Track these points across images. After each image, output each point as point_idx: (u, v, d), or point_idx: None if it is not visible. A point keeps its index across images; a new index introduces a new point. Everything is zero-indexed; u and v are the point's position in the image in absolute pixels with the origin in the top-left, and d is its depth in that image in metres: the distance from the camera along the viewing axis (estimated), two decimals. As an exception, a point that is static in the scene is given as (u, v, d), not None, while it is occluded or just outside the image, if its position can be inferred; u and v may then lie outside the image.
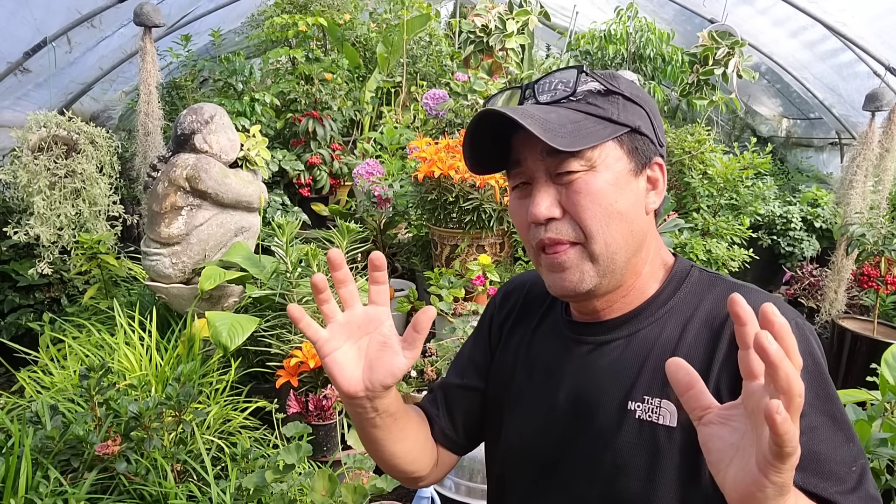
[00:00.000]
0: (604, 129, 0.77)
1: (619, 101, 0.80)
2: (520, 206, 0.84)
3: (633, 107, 0.81)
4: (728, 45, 4.34)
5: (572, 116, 0.77)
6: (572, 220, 0.78)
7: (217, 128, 2.64)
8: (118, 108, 4.55)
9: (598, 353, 0.85)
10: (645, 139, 0.81)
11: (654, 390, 0.78)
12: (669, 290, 0.85)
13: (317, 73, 4.25)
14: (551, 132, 0.73)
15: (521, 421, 0.92)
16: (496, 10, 4.38)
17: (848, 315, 3.83)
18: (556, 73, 0.82)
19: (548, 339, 0.93)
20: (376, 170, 3.51)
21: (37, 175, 2.81)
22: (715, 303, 0.81)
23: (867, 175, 3.70)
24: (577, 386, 0.85)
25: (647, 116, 0.82)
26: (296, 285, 2.39)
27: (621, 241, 0.79)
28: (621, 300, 0.85)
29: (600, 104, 0.79)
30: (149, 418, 1.57)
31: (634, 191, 0.80)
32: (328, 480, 1.46)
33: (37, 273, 2.93)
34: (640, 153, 0.81)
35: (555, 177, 0.79)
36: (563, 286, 0.80)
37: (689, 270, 0.87)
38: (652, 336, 0.82)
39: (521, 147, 0.81)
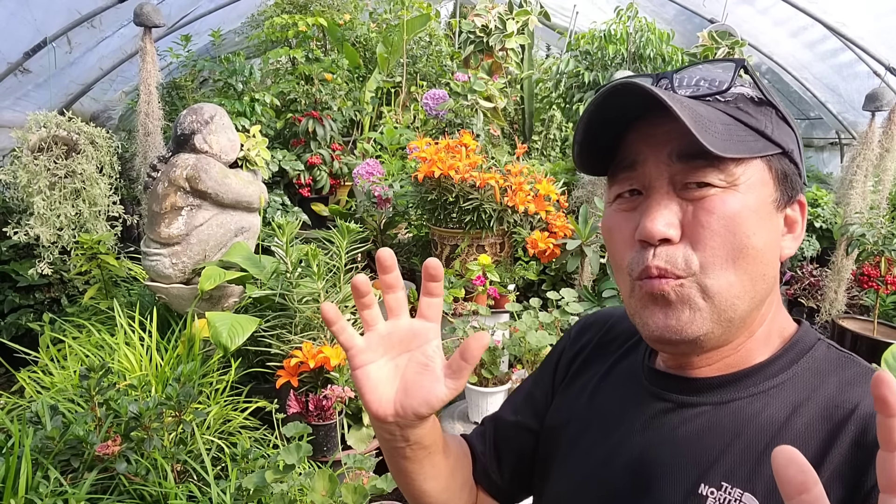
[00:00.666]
0: (756, 143, 0.62)
1: (773, 115, 0.65)
2: (623, 221, 0.67)
3: (786, 127, 0.66)
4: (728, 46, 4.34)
5: (722, 117, 0.62)
6: (691, 247, 0.62)
7: (217, 128, 2.64)
8: (118, 108, 4.55)
9: (678, 416, 0.69)
10: (794, 168, 0.66)
11: (738, 478, 0.61)
12: (784, 361, 0.67)
13: (317, 73, 4.25)
14: (703, 126, 0.58)
15: (572, 471, 0.78)
16: (496, 11, 4.38)
17: (848, 315, 3.83)
18: (702, 65, 0.66)
19: (621, 384, 0.79)
20: (376, 170, 3.51)
21: (37, 175, 2.81)
22: (841, 388, 0.63)
23: (867, 175, 3.70)
24: (644, 449, 0.70)
25: (796, 141, 0.67)
26: (296, 285, 2.39)
27: (749, 284, 0.62)
28: (723, 360, 0.68)
29: (753, 113, 0.63)
30: (149, 418, 1.57)
31: (774, 227, 0.65)
32: (328, 480, 1.46)
33: (37, 273, 2.93)
34: (789, 182, 0.65)
35: (681, 188, 0.63)
36: (665, 325, 0.63)
37: (815, 344, 0.68)
38: (751, 411, 0.65)
39: (641, 144, 0.65)
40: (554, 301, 2.69)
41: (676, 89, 0.65)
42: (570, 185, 3.83)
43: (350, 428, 2.23)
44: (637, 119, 0.64)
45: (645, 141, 0.64)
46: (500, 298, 2.90)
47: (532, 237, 2.94)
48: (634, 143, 0.65)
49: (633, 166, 0.65)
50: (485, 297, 2.83)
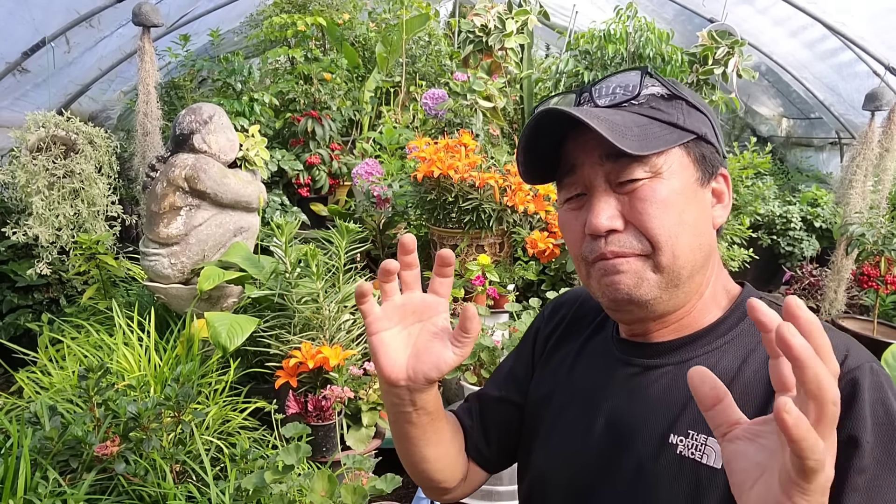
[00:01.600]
0: (670, 135, 0.72)
1: (682, 106, 0.75)
2: (574, 219, 0.77)
3: (697, 113, 0.75)
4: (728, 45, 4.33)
5: (637, 120, 0.72)
6: (636, 230, 0.72)
7: (216, 128, 2.63)
8: (117, 108, 4.54)
9: (645, 378, 0.78)
10: (710, 147, 0.76)
11: (701, 425, 0.70)
12: (732, 319, 0.77)
13: (316, 72, 4.24)
14: (619, 134, 0.67)
15: (557, 441, 0.86)
16: (495, 10, 4.37)
17: (848, 315, 3.83)
18: (615, 76, 0.77)
19: (594, 357, 0.87)
20: (375, 170, 3.50)
21: (35, 175, 2.80)
22: None
23: (867, 175, 3.70)
24: (619, 410, 0.79)
25: (710, 124, 0.77)
26: (295, 286, 2.39)
27: (689, 254, 0.72)
28: (678, 322, 0.78)
29: (664, 108, 0.74)
30: (147, 419, 1.56)
31: (701, 202, 0.75)
32: (327, 481, 1.45)
33: (35, 273, 2.92)
34: (707, 162, 0.75)
35: (616, 185, 0.72)
36: (616, 289, 0.73)
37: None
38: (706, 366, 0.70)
39: (578, 152, 0.74)
40: (553, 301, 2.68)
41: (597, 99, 0.76)
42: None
43: (349, 428, 2.23)
44: (572, 129, 0.73)
45: (581, 149, 0.74)
46: (500, 298, 2.89)
47: (531, 237, 2.93)
48: (571, 151, 0.75)
49: (573, 170, 0.75)
50: (484, 297, 2.83)
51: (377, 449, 2.21)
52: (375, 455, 2.08)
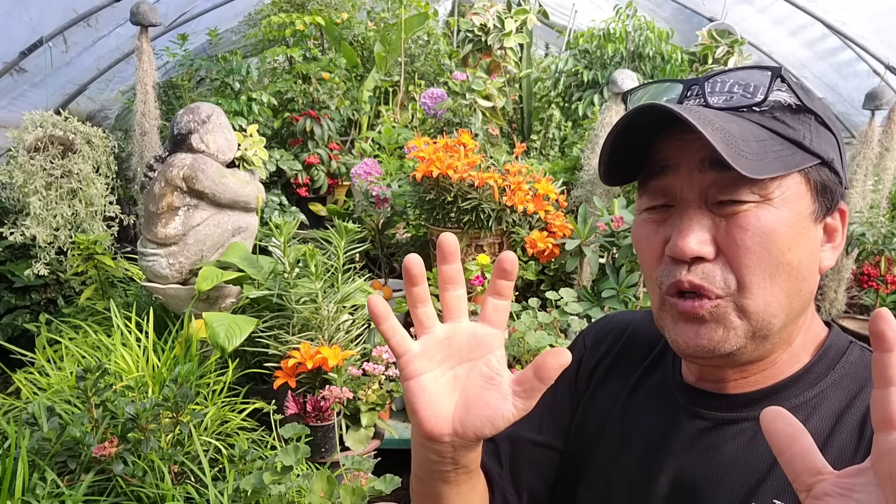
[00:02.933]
0: (792, 156, 0.59)
1: (811, 122, 0.62)
2: (653, 233, 0.65)
3: (827, 133, 0.63)
4: (727, 44, 4.33)
5: (757, 133, 0.59)
6: (727, 264, 0.60)
7: (214, 127, 2.62)
8: (115, 107, 4.53)
9: (719, 435, 0.66)
10: (835, 177, 0.63)
11: (788, 494, 0.59)
12: (821, 367, 0.66)
13: (314, 72, 4.23)
14: (734, 148, 0.55)
15: (611, 494, 0.74)
16: (494, 9, 4.37)
17: (848, 315, 3.83)
18: (736, 71, 0.64)
19: (651, 401, 0.75)
20: (374, 169, 3.49)
21: (33, 175, 2.80)
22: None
23: (867, 174, 3.70)
24: (687, 471, 0.67)
25: (838, 147, 0.64)
26: (294, 286, 2.38)
27: (785, 301, 0.61)
28: (760, 373, 0.66)
29: (790, 122, 0.61)
30: (146, 420, 1.56)
31: (812, 240, 0.63)
32: (326, 482, 1.45)
33: (33, 274, 2.91)
34: (828, 194, 0.63)
35: (713, 204, 0.60)
36: (697, 344, 0.62)
37: (848, 347, 0.67)
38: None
39: (673, 152, 0.62)
40: (553, 301, 2.68)
41: (709, 96, 0.63)
42: (569, 184, 3.83)
43: (348, 429, 2.22)
44: (672, 125, 0.60)
45: (676, 147, 0.62)
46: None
47: (531, 237, 2.93)
48: (665, 149, 0.63)
49: (664, 172, 0.63)
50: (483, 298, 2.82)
51: (376, 450, 2.20)
52: (374, 456, 2.07)
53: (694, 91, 0.65)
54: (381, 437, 2.26)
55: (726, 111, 0.61)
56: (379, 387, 2.28)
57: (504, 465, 0.83)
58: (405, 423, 2.69)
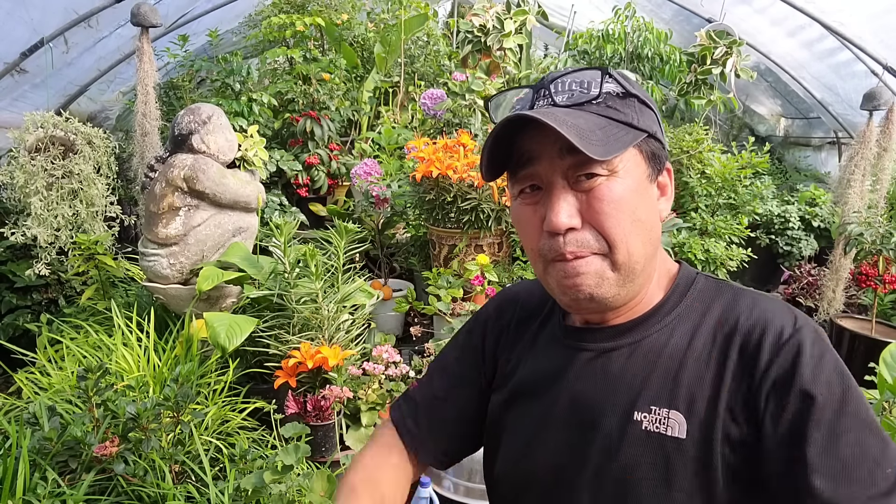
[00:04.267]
0: (626, 135, 0.74)
1: (635, 104, 0.77)
2: (532, 213, 0.79)
3: (648, 111, 0.78)
4: (726, 45, 4.34)
5: (598, 122, 0.73)
6: (593, 229, 0.74)
7: (215, 128, 2.63)
8: (115, 108, 4.54)
9: (602, 361, 0.81)
10: (659, 144, 0.79)
11: (662, 400, 0.75)
12: (675, 297, 0.82)
13: (314, 73, 4.24)
14: (585, 139, 0.69)
15: (522, 437, 0.88)
16: (494, 10, 4.38)
17: (846, 314, 3.83)
18: (572, 73, 0.77)
19: (548, 349, 0.90)
20: (374, 170, 3.50)
21: (34, 176, 2.80)
22: (723, 309, 0.78)
23: (865, 174, 3.70)
24: (580, 394, 0.82)
25: (657, 120, 0.80)
26: (294, 286, 2.39)
27: (642, 249, 0.76)
28: (630, 309, 0.82)
29: (620, 108, 0.76)
30: (147, 419, 1.56)
31: (651, 197, 0.79)
32: (327, 481, 1.45)
33: (34, 274, 2.92)
34: (657, 159, 0.79)
35: (573, 182, 0.75)
36: (579, 290, 0.76)
37: (695, 277, 0.84)
38: (659, 343, 0.79)
39: (534, 145, 0.76)
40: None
41: (555, 96, 0.76)
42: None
43: (348, 428, 2.23)
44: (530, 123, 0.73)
45: (538, 143, 0.75)
46: (499, 298, 2.89)
47: (530, 237, 2.93)
48: (527, 144, 0.76)
49: (529, 163, 0.76)
50: (483, 297, 2.83)
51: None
52: (374, 455, 2.08)
53: (542, 93, 0.78)
54: (380, 437, 2.27)
55: (571, 108, 0.75)
56: (379, 386, 2.29)
57: (420, 425, 0.99)
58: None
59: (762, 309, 0.76)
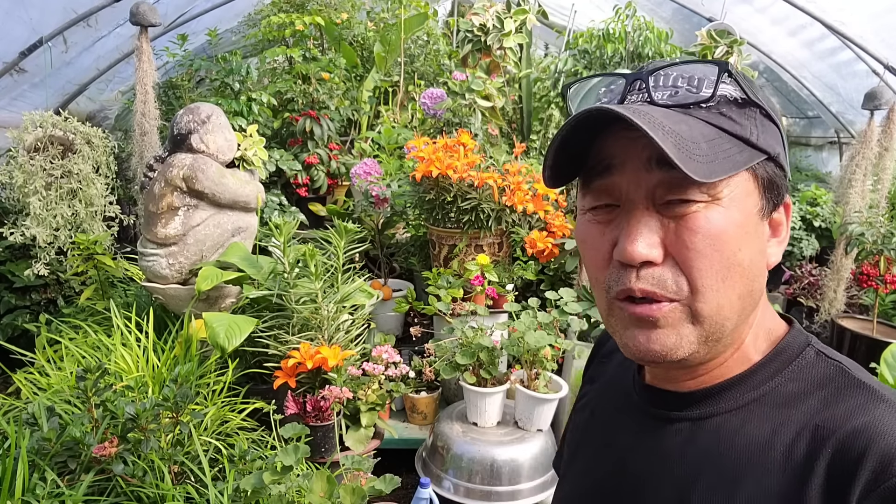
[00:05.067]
0: (740, 154, 0.57)
1: (756, 116, 0.60)
2: (599, 234, 0.63)
3: (771, 126, 0.61)
4: (727, 44, 4.33)
5: (705, 131, 0.57)
6: (677, 266, 0.58)
7: (214, 127, 2.63)
8: (114, 108, 4.54)
9: (661, 432, 0.67)
10: (780, 172, 0.62)
11: (716, 498, 0.59)
12: (768, 370, 0.63)
13: (314, 72, 4.24)
14: (686, 152, 0.53)
15: (572, 488, 0.80)
16: (494, 9, 4.37)
17: (847, 314, 3.83)
18: (680, 64, 0.61)
19: (615, 398, 0.78)
20: (374, 169, 3.49)
21: (33, 175, 2.80)
22: (825, 405, 0.58)
23: (866, 174, 3.70)
24: (630, 465, 0.69)
25: (782, 141, 0.62)
26: (293, 286, 2.38)
27: (737, 303, 0.59)
28: (709, 373, 0.65)
29: (736, 118, 0.58)
30: (146, 420, 1.56)
31: (760, 237, 0.61)
32: (326, 482, 1.45)
33: (33, 274, 2.91)
34: (775, 189, 0.61)
35: (660, 204, 0.58)
36: (649, 349, 0.60)
37: (803, 350, 0.64)
38: (729, 429, 0.62)
39: (618, 150, 0.60)
40: (553, 301, 2.68)
41: (653, 91, 0.59)
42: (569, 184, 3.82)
43: (348, 429, 2.22)
44: (612, 122, 0.57)
45: (621, 144, 0.59)
46: (499, 298, 2.89)
47: (530, 237, 2.93)
48: (610, 147, 0.60)
49: (608, 171, 0.60)
50: (483, 297, 2.82)
51: (376, 449, 2.21)
52: (374, 455, 2.07)
53: (636, 86, 0.61)
54: (380, 437, 2.26)
55: (673, 108, 0.58)
56: (379, 387, 2.28)
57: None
58: (405, 423, 2.70)
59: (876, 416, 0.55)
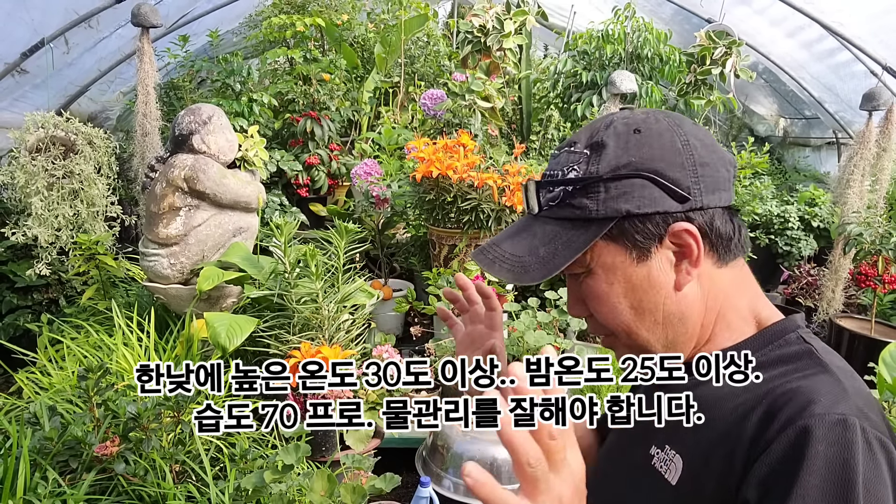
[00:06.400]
0: (584, 234, 0.69)
1: (599, 188, 0.68)
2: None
3: (621, 184, 0.68)
4: (725, 45, 4.34)
5: (548, 233, 0.71)
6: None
7: (215, 128, 2.64)
8: (116, 108, 4.54)
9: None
10: (643, 219, 0.68)
11: (676, 441, 0.70)
12: (749, 345, 0.71)
13: (315, 73, 4.25)
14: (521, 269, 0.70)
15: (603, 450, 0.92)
16: (494, 11, 4.38)
17: (846, 314, 3.84)
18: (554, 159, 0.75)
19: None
20: (374, 170, 3.50)
21: (34, 176, 2.81)
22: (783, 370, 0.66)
23: (864, 174, 3.71)
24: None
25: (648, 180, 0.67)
26: (294, 286, 2.39)
27: (647, 333, 0.72)
28: (696, 349, 0.74)
29: (576, 203, 0.69)
30: (147, 419, 1.57)
31: (645, 278, 0.70)
32: (327, 480, 1.46)
33: (35, 274, 2.92)
34: (641, 236, 0.69)
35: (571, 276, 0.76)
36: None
37: (788, 333, 0.71)
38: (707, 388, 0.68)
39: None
40: (552, 301, 2.69)
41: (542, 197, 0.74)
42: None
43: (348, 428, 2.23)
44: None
45: None
46: (499, 298, 2.89)
47: (530, 237, 2.93)
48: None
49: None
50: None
51: (376, 448, 2.21)
52: (374, 454, 2.08)
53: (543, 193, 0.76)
54: (381, 436, 2.27)
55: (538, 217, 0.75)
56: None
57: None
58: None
59: (811, 382, 0.63)
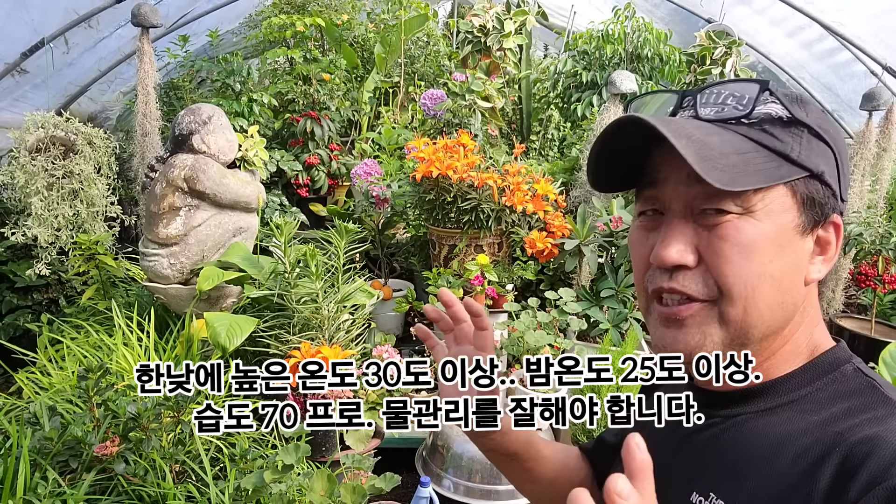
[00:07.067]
0: (777, 169, 0.61)
1: (803, 135, 0.62)
2: (644, 240, 0.68)
3: (820, 145, 0.63)
4: (725, 45, 4.34)
5: (740, 145, 0.61)
6: (708, 272, 0.62)
7: (215, 128, 2.64)
8: (116, 108, 4.54)
9: (693, 427, 0.67)
10: (826, 190, 0.63)
11: (724, 490, 0.63)
12: (802, 378, 0.65)
13: (315, 73, 4.25)
14: (709, 161, 0.58)
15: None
16: (494, 11, 4.38)
17: (846, 314, 3.84)
18: (729, 83, 0.65)
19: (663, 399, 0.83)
20: (374, 170, 3.50)
21: (34, 176, 2.81)
22: (849, 409, 0.60)
23: (864, 174, 3.71)
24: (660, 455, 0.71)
25: (834, 160, 0.64)
26: (294, 286, 2.39)
27: (766, 312, 0.62)
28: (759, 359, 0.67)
29: (779, 135, 0.62)
30: (147, 419, 1.57)
31: (797, 253, 0.63)
32: (327, 480, 1.46)
33: (35, 274, 2.92)
34: (817, 207, 0.63)
35: (697, 214, 0.63)
36: (675, 349, 0.64)
37: (843, 364, 0.66)
38: (752, 426, 0.65)
39: (662, 164, 0.65)
40: (552, 301, 2.69)
41: (700, 108, 0.65)
42: (568, 184, 3.84)
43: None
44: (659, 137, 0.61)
45: (666, 162, 0.64)
46: (499, 298, 2.90)
47: (530, 237, 2.94)
48: (658, 160, 0.66)
49: (654, 184, 0.67)
50: (483, 297, 2.83)
51: (376, 448, 2.22)
52: (374, 454, 2.08)
53: (688, 101, 0.67)
54: (381, 436, 2.27)
55: (714, 123, 0.63)
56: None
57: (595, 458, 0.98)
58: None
59: (887, 430, 0.56)
